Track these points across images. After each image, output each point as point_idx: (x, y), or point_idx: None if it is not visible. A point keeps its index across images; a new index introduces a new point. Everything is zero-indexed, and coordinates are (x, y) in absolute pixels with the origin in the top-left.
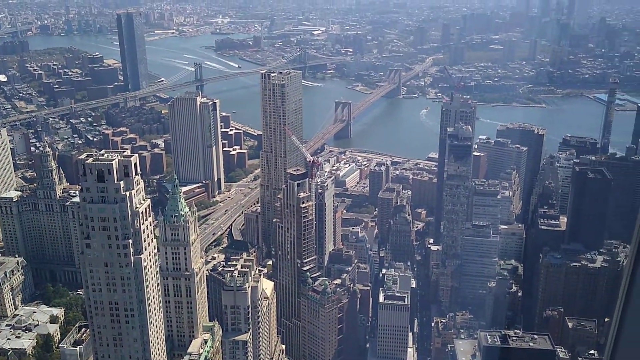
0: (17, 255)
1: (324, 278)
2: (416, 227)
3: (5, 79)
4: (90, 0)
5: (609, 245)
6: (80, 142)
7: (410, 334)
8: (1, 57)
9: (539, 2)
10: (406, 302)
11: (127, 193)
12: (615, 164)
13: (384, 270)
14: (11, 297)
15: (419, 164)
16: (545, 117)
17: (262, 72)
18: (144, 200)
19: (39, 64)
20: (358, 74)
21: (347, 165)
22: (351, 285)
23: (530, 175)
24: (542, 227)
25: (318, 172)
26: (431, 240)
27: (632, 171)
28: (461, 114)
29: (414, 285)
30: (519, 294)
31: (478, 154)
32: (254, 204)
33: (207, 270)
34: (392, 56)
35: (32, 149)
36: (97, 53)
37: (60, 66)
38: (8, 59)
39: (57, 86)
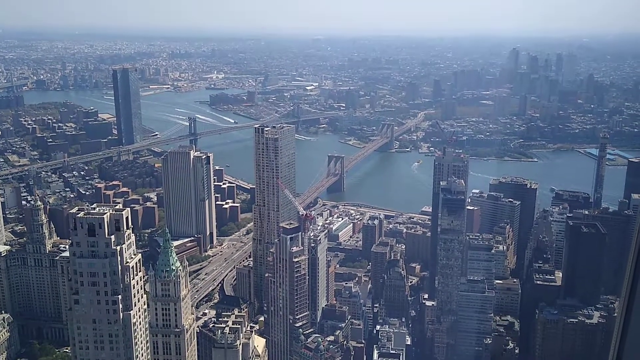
0: (3, 312)
1: (317, 335)
2: (410, 282)
3: None
4: (86, 56)
5: (605, 300)
6: (72, 195)
7: None
8: None
9: (528, 60)
10: None
11: (118, 247)
12: (609, 219)
13: (378, 327)
14: None
15: (413, 218)
16: (537, 171)
17: (256, 126)
18: (134, 254)
19: (34, 118)
20: (351, 128)
21: (340, 219)
22: (345, 342)
23: (524, 229)
24: (538, 282)
25: (311, 226)
26: (426, 296)
27: (626, 226)
28: (454, 168)
29: (408, 342)
30: (516, 350)
31: (471, 207)
32: (246, 258)
33: (198, 326)
34: (384, 111)
35: (23, 202)
36: (92, 107)
37: (54, 120)
38: (2, 113)
39: (50, 140)
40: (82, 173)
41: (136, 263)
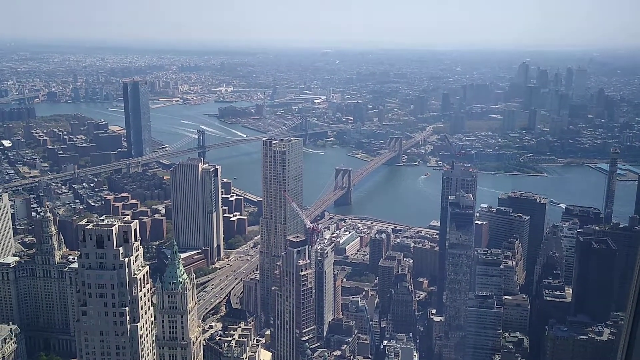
0: (11, 323)
1: (324, 349)
2: (418, 297)
3: (10, 145)
4: (97, 69)
5: (616, 317)
6: (81, 207)
7: None
8: (7, 123)
9: (537, 74)
10: None
11: (126, 259)
12: (619, 234)
13: (385, 342)
14: None
15: (421, 232)
16: (547, 185)
17: (264, 139)
18: (142, 266)
19: (45, 130)
20: (358, 141)
21: (347, 233)
22: (351, 356)
23: (534, 244)
24: (547, 298)
25: (318, 240)
26: (434, 311)
27: (636, 241)
28: (462, 182)
29: (416, 358)
30: None
31: (480, 222)
32: (253, 271)
33: (204, 339)
34: (392, 124)
35: (33, 214)
36: (102, 120)
37: (65, 132)
38: (14, 124)
39: (61, 152)
40: (92, 185)
41: (144, 275)
